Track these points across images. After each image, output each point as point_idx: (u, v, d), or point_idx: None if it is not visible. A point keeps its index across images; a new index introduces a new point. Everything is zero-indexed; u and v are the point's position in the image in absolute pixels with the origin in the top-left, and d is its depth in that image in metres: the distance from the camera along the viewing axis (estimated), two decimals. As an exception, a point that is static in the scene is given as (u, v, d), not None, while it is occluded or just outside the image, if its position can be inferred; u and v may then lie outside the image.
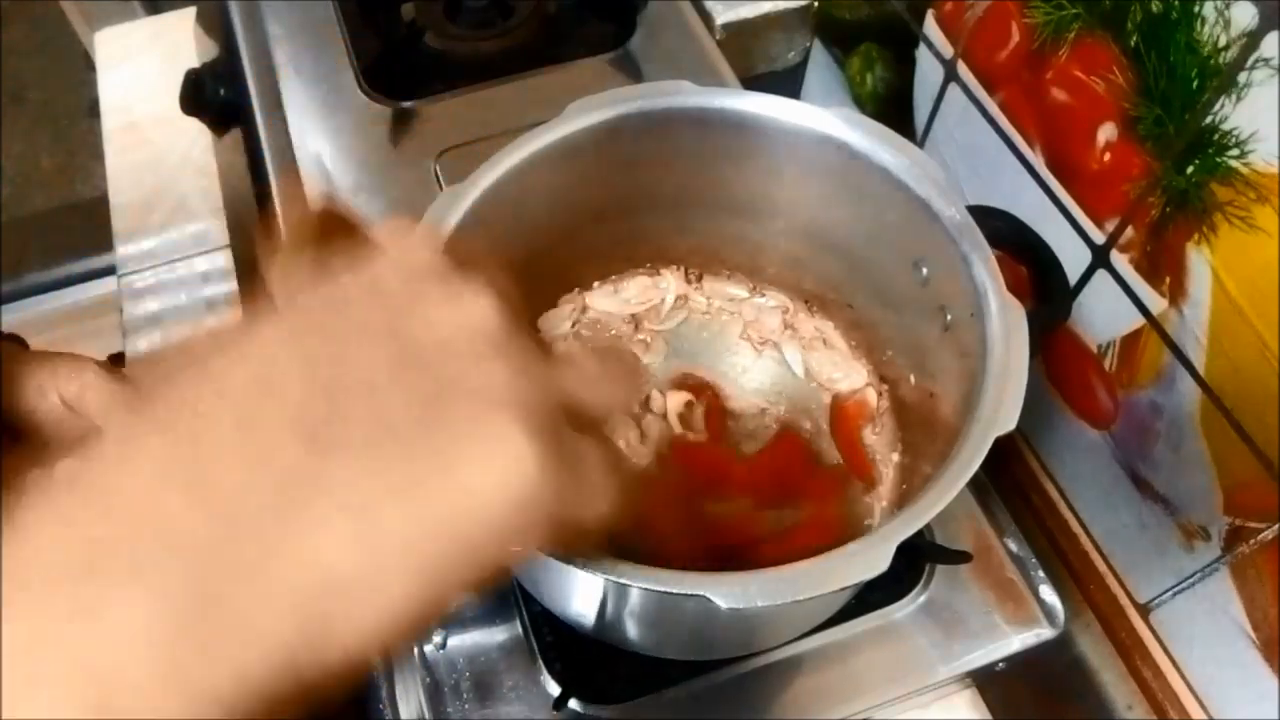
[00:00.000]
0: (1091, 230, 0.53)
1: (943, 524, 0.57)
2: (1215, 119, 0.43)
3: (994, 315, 0.42)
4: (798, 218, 0.54)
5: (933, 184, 0.46)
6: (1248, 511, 0.48)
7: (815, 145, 0.49)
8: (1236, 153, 0.43)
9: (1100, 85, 0.49)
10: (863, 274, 0.54)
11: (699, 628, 0.48)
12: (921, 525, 0.37)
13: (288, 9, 0.76)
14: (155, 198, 0.86)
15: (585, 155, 0.49)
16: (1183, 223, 0.47)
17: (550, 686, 0.52)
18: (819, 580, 0.36)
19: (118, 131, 0.90)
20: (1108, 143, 0.50)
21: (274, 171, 0.67)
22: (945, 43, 0.61)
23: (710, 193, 0.54)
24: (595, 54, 0.73)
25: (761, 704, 0.52)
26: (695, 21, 0.75)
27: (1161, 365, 0.50)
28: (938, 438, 0.47)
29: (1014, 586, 0.56)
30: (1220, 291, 0.46)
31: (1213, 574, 0.51)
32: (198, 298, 0.80)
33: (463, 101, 0.70)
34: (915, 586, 0.55)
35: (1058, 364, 0.59)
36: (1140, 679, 0.59)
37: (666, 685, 0.52)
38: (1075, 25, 0.50)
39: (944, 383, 0.48)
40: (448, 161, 0.66)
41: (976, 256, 0.44)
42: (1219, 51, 0.42)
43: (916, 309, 0.50)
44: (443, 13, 0.75)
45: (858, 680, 0.53)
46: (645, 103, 0.49)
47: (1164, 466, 0.52)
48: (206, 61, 0.83)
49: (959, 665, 0.53)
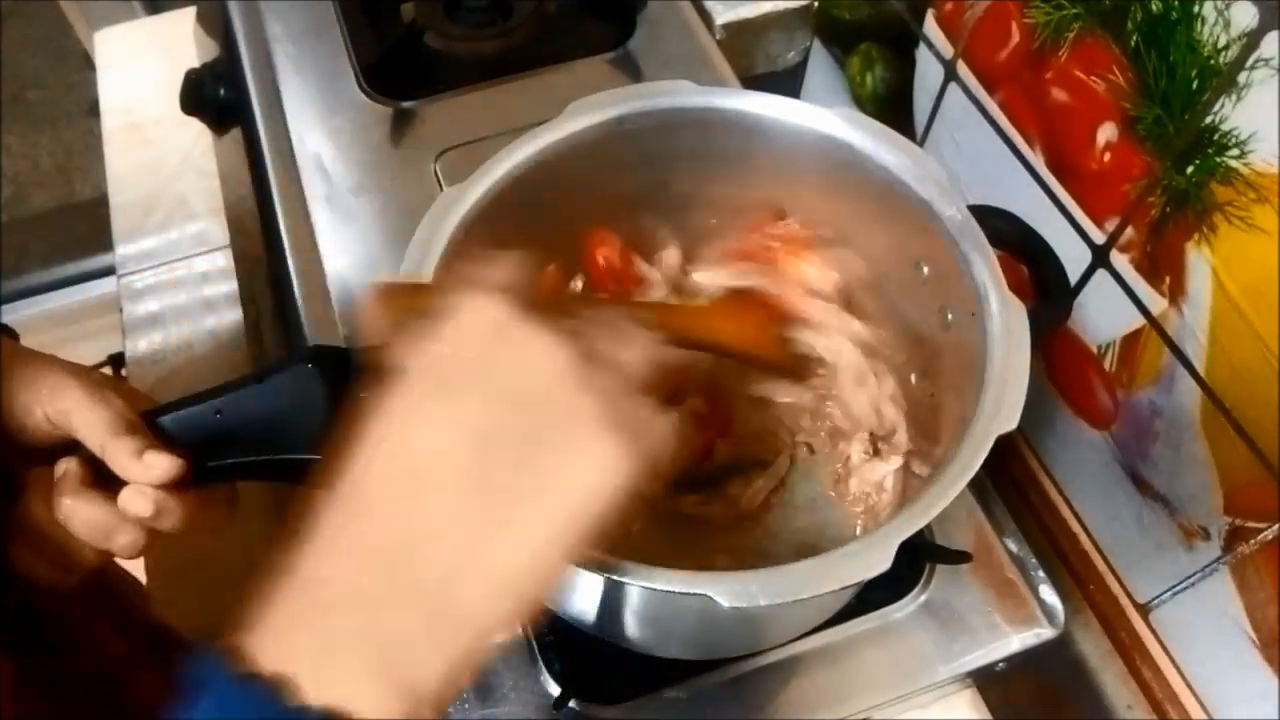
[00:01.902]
0: (1091, 230, 0.53)
1: (943, 524, 0.57)
2: (1215, 119, 0.43)
3: (995, 314, 0.42)
4: (798, 217, 0.54)
5: (934, 184, 0.46)
6: (1248, 511, 0.48)
7: (816, 145, 0.49)
8: (1236, 153, 0.43)
9: (1100, 85, 0.50)
10: (864, 273, 0.54)
11: (700, 627, 0.49)
12: (924, 524, 0.37)
13: (288, 9, 0.76)
14: (155, 198, 0.86)
15: (585, 155, 0.49)
16: (1183, 223, 0.47)
17: (550, 686, 0.52)
18: (821, 579, 0.36)
19: (118, 131, 0.90)
20: (1108, 143, 0.50)
21: (274, 171, 0.67)
22: (945, 43, 0.61)
23: (710, 192, 0.54)
24: (595, 54, 0.73)
25: (761, 704, 0.52)
26: (695, 21, 0.75)
27: (1161, 365, 0.50)
28: (939, 437, 0.47)
29: (1014, 586, 0.56)
30: (1220, 291, 0.46)
31: (1213, 574, 0.51)
32: (197, 298, 0.81)
33: (463, 101, 0.70)
34: (915, 586, 0.55)
35: (1058, 364, 0.59)
36: (1140, 679, 0.59)
37: (666, 685, 0.52)
38: (1075, 25, 0.50)
39: (945, 382, 0.49)
40: (448, 161, 0.66)
41: (977, 256, 0.44)
42: (1219, 51, 0.42)
43: (918, 308, 0.50)
44: (443, 13, 0.75)
45: (858, 680, 0.53)
46: (645, 103, 0.49)
47: (1164, 466, 0.52)
48: (206, 61, 0.83)
49: (959, 665, 0.54)
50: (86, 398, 0.39)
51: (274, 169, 0.67)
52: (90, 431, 0.39)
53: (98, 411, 0.39)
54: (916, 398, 0.52)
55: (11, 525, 0.40)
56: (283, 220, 0.65)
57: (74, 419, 0.39)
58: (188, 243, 0.83)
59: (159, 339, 0.78)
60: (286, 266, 0.63)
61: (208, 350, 0.78)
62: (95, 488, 0.39)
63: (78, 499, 0.38)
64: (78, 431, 0.39)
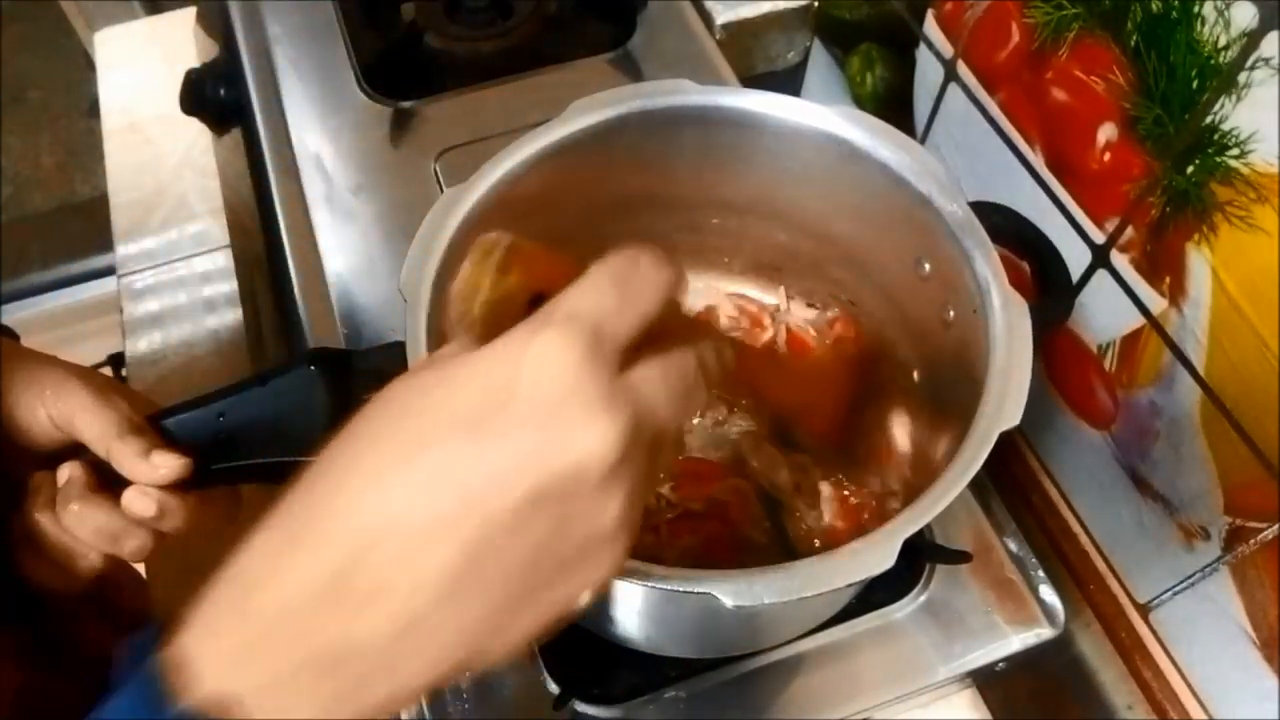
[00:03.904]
0: (1091, 230, 0.53)
1: (943, 524, 0.57)
2: (1215, 119, 0.43)
3: (996, 310, 0.42)
4: (799, 216, 0.54)
5: (934, 180, 0.46)
6: (1248, 511, 0.48)
7: (816, 143, 0.49)
8: (1236, 153, 0.43)
9: (1100, 85, 0.50)
10: (865, 271, 0.54)
11: (701, 626, 0.48)
12: (928, 520, 0.37)
13: (288, 9, 0.76)
14: (155, 198, 0.86)
15: (586, 155, 0.49)
16: (1183, 223, 0.47)
17: (550, 686, 0.51)
18: (824, 577, 0.36)
19: (118, 131, 0.90)
20: (1108, 143, 0.50)
21: (274, 171, 0.67)
22: (945, 43, 0.61)
23: (711, 192, 0.54)
24: (595, 54, 0.73)
25: (761, 704, 0.52)
26: (695, 21, 0.75)
27: (1161, 365, 0.50)
28: (941, 434, 0.47)
29: (1014, 586, 0.56)
30: (1220, 291, 0.46)
31: (1213, 574, 0.51)
32: (197, 298, 0.80)
33: (463, 101, 0.70)
34: (915, 586, 0.55)
35: (1058, 363, 0.59)
36: (1140, 679, 0.59)
37: (666, 685, 0.52)
38: (1075, 25, 0.50)
39: (947, 379, 0.48)
40: (448, 161, 0.66)
41: (978, 252, 0.44)
42: (1219, 51, 0.42)
43: (919, 305, 0.50)
44: (443, 13, 0.75)
45: (858, 680, 0.53)
46: (646, 102, 0.49)
47: (1164, 466, 0.52)
48: (206, 61, 0.83)
49: (959, 665, 0.53)
50: (91, 400, 0.39)
51: (274, 169, 0.67)
52: (96, 433, 0.39)
53: (104, 413, 0.39)
54: (919, 394, 0.53)
55: (15, 533, 0.40)
56: (282, 220, 0.65)
57: (78, 421, 0.39)
58: (188, 243, 0.83)
59: (159, 339, 0.78)
60: (286, 266, 0.63)
61: (208, 350, 0.78)
62: (101, 492, 0.39)
63: (84, 505, 0.38)
64: (83, 433, 0.39)
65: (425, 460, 0.25)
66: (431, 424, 0.26)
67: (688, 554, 0.52)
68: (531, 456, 0.25)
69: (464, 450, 0.25)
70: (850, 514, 0.53)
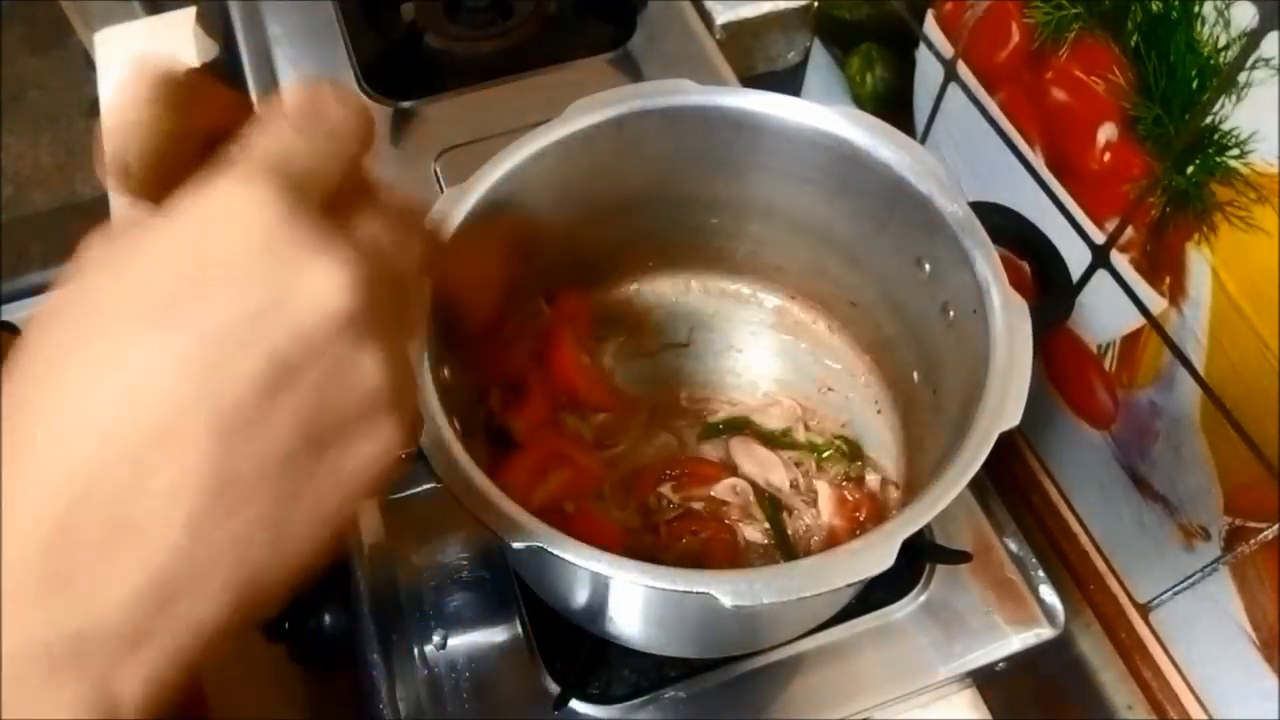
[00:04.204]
0: (1091, 230, 0.53)
1: (943, 524, 0.57)
2: (1215, 119, 0.43)
3: (997, 310, 0.42)
4: (799, 216, 0.54)
5: (934, 180, 0.46)
6: (1248, 511, 0.48)
7: (816, 143, 0.49)
8: (1236, 153, 0.43)
9: (1100, 85, 0.50)
10: (865, 271, 0.54)
11: (701, 626, 0.48)
12: (928, 520, 0.37)
13: (288, 9, 0.76)
14: (155, 197, 0.85)
15: (586, 155, 0.49)
16: (1183, 223, 0.47)
17: (550, 686, 0.51)
18: (824, 577, 0.36)
19: (118, 131, 0.90)
20: (1108, 143, 0.50)
21: (274, 171, 0.67)
22: (945, 43, 0.61)
23: (711, 192, 0.54)
24: (595, 54, 0.73)
25: (761, 704, 0.52)
26: (695, 21, 0.75)
27: (1161, 365, 0.50)
28: (941, 434, 0.47)
29: (1014, 586, 0.55)
30: (1220, 291, 0.46)
31: (1213, 574, 0.51)
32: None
33: (463, 101, 0.70)
34: (915, 586, 0.55)
35: (1058, 364, 0.59)
36: (1140, 679, 0.59)
37: (666, 685, 0.52)
38: (1075, 25, 0.50)
39: (947, 379, 0.48)
40: (448, 161, 0.66)
41: (979, 252, 0.44)
42: (1219, 51, 0.42)
43: (919, 305, 0.50)
44: (443, 13, 0.75)
45: (858, 680, 0.53)
46: (645, 102, 0.49)
47: (1164, 466, 0.52)
48: (206, 61, 0.83)
49: (959, 665, 0.53)
50: None
51: (274, 169, 0.67)
52: None
53: None
54: (919, 395, 0.53)
55: None
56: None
57: None
58: (187, 243, 0.83)
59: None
60: (286, 266, 0.63)
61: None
62: None
63: None
64: None
65: (124, 369, 0.21)
66: (118, 319, 0.22)
67: (688, 554, 0.52)
68: (248, 324, 0.21)
69: (166, 340, 0.21)
70: (848, 512, 0.53)
